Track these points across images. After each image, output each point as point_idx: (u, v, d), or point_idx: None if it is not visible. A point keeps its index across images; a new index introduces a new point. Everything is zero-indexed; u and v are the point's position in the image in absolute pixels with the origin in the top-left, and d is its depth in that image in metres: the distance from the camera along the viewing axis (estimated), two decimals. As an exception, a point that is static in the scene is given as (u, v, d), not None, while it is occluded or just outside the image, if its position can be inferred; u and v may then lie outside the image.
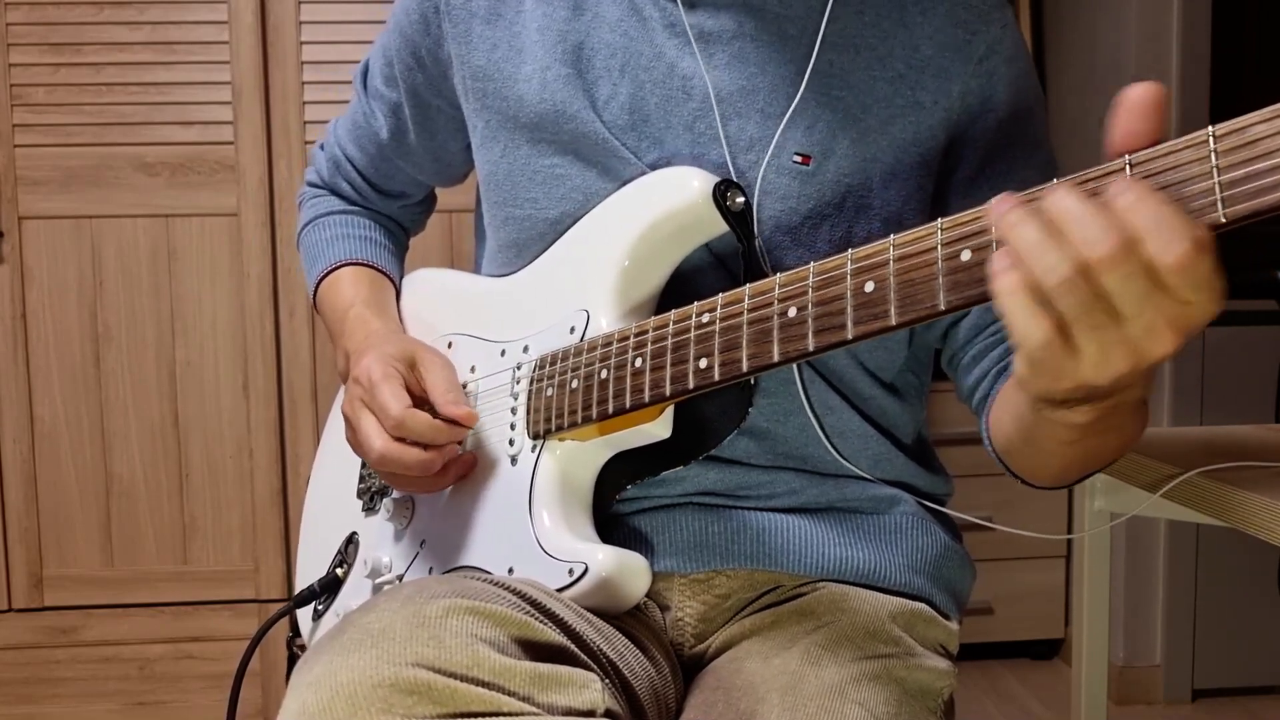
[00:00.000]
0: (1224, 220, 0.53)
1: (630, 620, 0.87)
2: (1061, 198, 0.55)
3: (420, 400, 0.90)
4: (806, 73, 0.87)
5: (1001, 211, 0.57)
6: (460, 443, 0.92)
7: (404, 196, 1.17)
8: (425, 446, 0.88)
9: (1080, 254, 0.54)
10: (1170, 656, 2.45)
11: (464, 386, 0.96)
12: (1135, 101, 0.56)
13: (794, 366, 0.89)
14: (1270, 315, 2.41)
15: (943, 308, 0.63)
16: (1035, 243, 0.55)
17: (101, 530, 2.23)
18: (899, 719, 0.81)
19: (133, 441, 2.23)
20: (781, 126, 0.87)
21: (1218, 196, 0.53)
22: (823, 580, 0.91)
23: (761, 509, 0.91)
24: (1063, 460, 0.79)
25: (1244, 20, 2.51)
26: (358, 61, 1.12)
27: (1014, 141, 0.91)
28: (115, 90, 2.16)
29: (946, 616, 0.96)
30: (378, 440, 0.87)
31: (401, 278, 1.13)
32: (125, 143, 2.17)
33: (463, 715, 0.64)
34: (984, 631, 2.58)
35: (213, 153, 2.19)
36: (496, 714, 0.65)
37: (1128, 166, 0.56)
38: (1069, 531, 2.52)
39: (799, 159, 0.87)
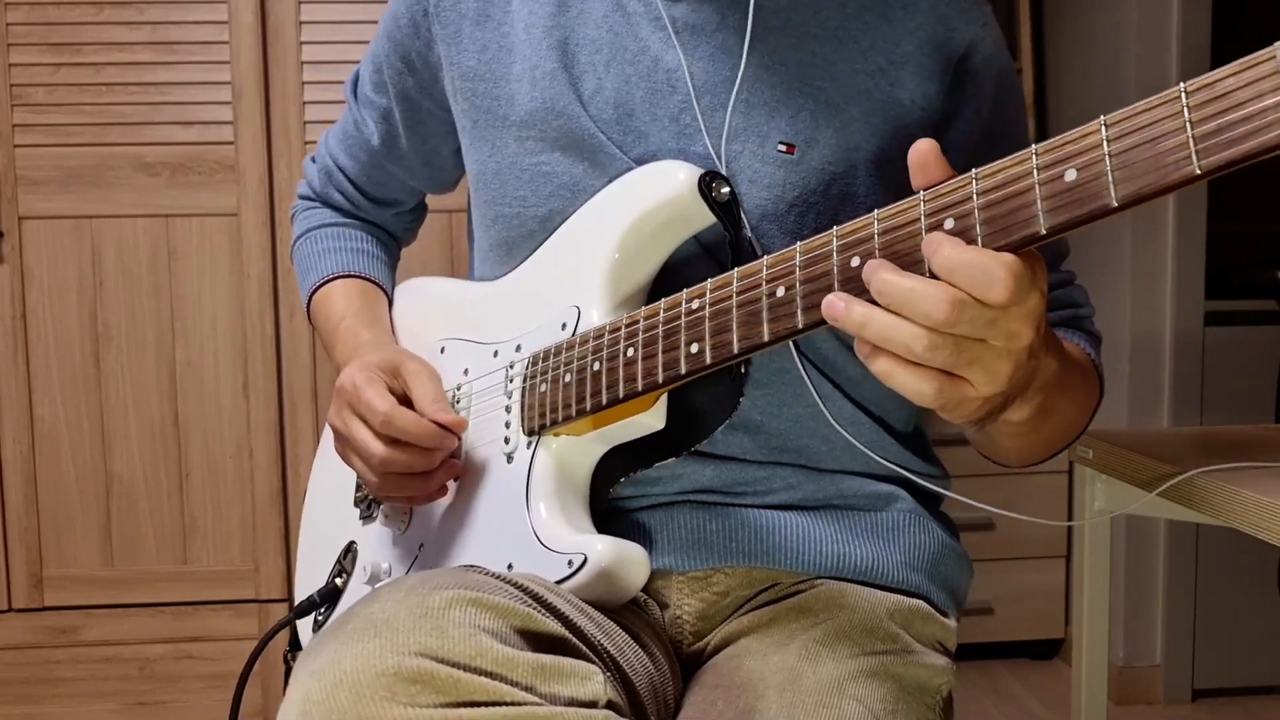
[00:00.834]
0: (1199, 172, 0.54)
1: (629, 617, 0.87)
2: (886, 281, 0.62)
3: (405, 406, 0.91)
4: (744, 59, 0.87)
5: (841, 311, 0.64)
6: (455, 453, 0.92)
7: (396, 204, 1.17)
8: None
9: (927, 323, 0.61)
10: (1170, 656, 2.45)
11: (457, 389, 0.97)
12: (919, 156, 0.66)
13: (793, 355, 0.89)
14: (1270, 315, 2.41)
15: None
16: (887, 326, 0.62)
17: (101, 530, 2.23)
18: (897, 715, 0.81)
19: (133, 441, 2.23)
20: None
21: (1192, 150, 0.54)
22: (821, 578, 0.92)
23: (759, 506, 0.91)
24: (1021, 446, 0.86)
25: (1244, 20, 2.51)
26: (358, 62, 1.12)
27: (996, 141, 0.91)
28: (115, 90, 2.16)
29: (944, 614, 0.95)
30: (375, 445, 0.88)
31: (394, 287, 1.13)
32: (125, 143, 2.17)
33: (465, 704, 0.64)
34: (984, 631, 2.58)
35: (213, 153, 2.19)
36: (499, 703, 0.65)
37: (1103, 127, 0.58)
38: (1069, 536, 2.52)
39: (783, 148, 0.87)
